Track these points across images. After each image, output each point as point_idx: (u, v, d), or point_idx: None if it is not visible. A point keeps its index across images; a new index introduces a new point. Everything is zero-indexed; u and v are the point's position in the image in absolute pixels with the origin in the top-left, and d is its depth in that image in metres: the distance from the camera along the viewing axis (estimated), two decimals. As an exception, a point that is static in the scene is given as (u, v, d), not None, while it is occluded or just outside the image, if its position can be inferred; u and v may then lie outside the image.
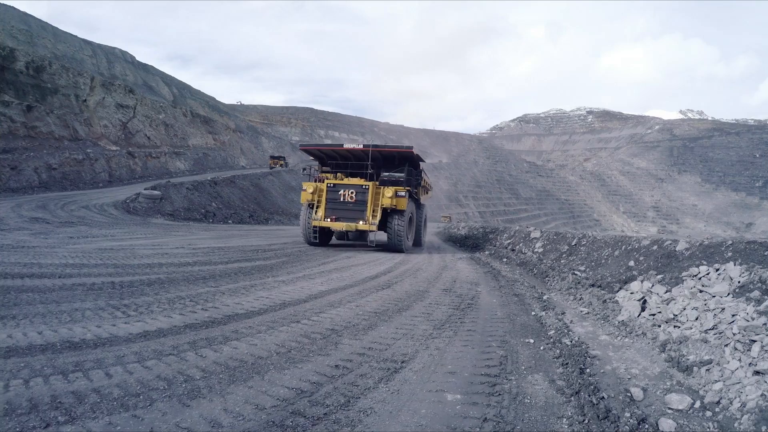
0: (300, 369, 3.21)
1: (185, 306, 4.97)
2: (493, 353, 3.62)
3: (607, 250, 7.67)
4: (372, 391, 2.82)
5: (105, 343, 3.61)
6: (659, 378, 3.07)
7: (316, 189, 12.43)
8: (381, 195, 11.99)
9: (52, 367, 3.08)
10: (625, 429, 2.31)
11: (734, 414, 2.38)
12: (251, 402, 2.69)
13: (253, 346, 3.69)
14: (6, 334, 3.61)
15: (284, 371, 3.17)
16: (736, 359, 2.87)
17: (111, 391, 2.79)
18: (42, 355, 3.27)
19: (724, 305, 3.84)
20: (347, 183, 12.50)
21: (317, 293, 5.95)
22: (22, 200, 17.51)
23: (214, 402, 2.71)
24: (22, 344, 3.41)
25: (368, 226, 11.80)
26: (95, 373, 3.05)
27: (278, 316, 4.73)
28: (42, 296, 4.90)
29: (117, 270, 6.74)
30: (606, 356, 3.55)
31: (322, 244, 13.17)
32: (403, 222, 12.16)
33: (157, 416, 2.53)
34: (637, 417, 2.46)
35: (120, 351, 3.45)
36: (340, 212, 12.12)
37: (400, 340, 3.92)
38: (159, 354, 3.45)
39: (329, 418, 2.47)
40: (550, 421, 2.46)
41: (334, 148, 14.04)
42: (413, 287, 6.76)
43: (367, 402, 2.66)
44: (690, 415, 2.51)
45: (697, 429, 2.35)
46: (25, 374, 2.94)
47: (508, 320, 4.83)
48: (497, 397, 2.75)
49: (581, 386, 2.91)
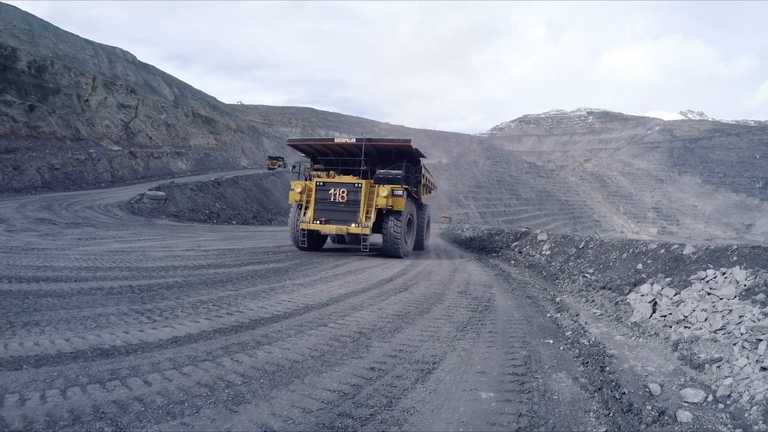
0: (337, 372, 3.34)
1: (209, 310, 5.01)
2: (517, 353, 3.87)
3: (614, 253, 7.92)
4: (410, 391, 3.00)
5: (137, 349, 3.61)
6: (674, 375, 3.32)
7: (304, 188, 11.48)
8: (375, 194, 10.92)
9: (87, 376, 3.04)
10: (648, 420, 2.56)
11: (744, 406, 2.63)
12: (297, 405, 2.76)
13: (287, 351, 3.77)
14: (32, 342, 3.57)
15: (322, 374, 3.27)
16: (744, 357, 3.13)
17: (153, 399, 2.78)
18: (74, 363, 3.24)
19: (732, 307, 4.10)
20: (338, 181, 11.41)
21: (338, 296, 6.14)
22: (25, 200, 17.47)
23: (260, 407, 2.75)
24: (51, 352, 3.38)
25: (361, 229, 10.72)
26: (133, 381, 3.03)
27: (304, 319, 4.85)
28: (62, 301, 4.88)
29: (132, 273, 6.79)
30: (623, 355, 3.79)
31: (312, 248, 12.04)
32: (400, 224, 11.18)
33: (206, 423, 2.53)
34: (657, 410, 2.71)
35: (153, 357, 3.47)
36: (330, 213, 11.13)
37: (427, 342, 4.14)
38: (194, 360, 3.47)
39: (375, 418, 2.60)
40: (578, 415, 2.71)
41: (325, 142, 12.66)
42: (429, 290, 7.00)
43: (408, 402, 2.83)
44: (704, 407, 2.76)
45: (712, 419, 2.60)
46: (61, 384, 2.90)
47: (525, 322, 5.08)
48: (527, 394, 2.98)
49: (603, 383, 3.16)
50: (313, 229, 11.19)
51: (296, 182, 11.71)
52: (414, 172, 12.98)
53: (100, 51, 46.31)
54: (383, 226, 11.26)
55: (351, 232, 11.03)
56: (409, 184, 12.27)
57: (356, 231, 10.81)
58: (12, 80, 25.75)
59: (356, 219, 10.83)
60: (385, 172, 11.88)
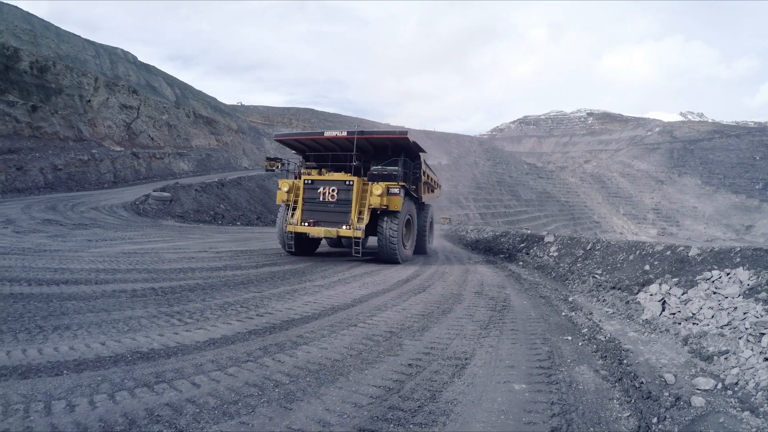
0: (377, 369, 3.53)
1: (238, 312, 5.10)
2: (540, 349, 4.19)
3: (621, 255, 8.24)
4: (449, 385, 3.27)
5: (176, 352, 3.65)
6: (685, 366, 3.64)
7: (292, 187, 10.67)
8: (369, 193, 9.97)
9: (133, 380, 3.06)
10: (666, 405, 2.89)
11: (750, 392, 2.96)
12: (348, 401, 2.90)
13: (324, 350, 3.92)
14: (67, 346, 3.57)
15: (364, 372, 3.45)
16: (749, 349, 3.46)
17: (206, 401, 2.81)
18: (115, 367, 3.26)
19: (736, 305, 4.42)
20: (327, 179, 10.45)
21: (360, 297, 6.40)
22: (30, 201, 17.46)
23: (313, 404, 2.85)
24: (89, 356, 3.39)
25: (352, 232, 9.76)
26: (180, 383, 3.06)
27: (334, 320, 5.02)
28: (87, 304, 4.88)
29: (151, 275, 6.84)
30: (637, 350, 4.11)
31: (302, 252, 11.13)
32: (396, 226, 10.17)
33: (264, 421, 2.60)
34: (674, 396, 3.03)
35: (195, 360, 3.50)
36: (319, 214, 10.24)
37: (455, 339, 4.44)
38: (236, 361, 3.53)
39: (423, 409, 2.81)
40: (603, 402, 3.04)
41: (314, 137, 11.64)
42: (446, 290, 7.31)
43: (450, 394, 3.08)
44: (715, 393, 3.09)
45: (722, 404, 2.92)
46: (107, 388, 2.90)
47: (542, 320, 5.40)
48: (556, 385, 3.29)
49: (622, 374, 3.49)
50: (301, 232, 10.31)
51: (284, 181, 10.93)
52: (413, 168, 11.97)
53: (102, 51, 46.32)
54: (378, 228, 10.32)
55: (341, 235, 10.05)
56: (407, 182, 11.30)
57: (347, 234, 9.83)
58: (14, 80, 25.81)
59: (347, 220, 9.90)
60: (380, 169, 10.92)
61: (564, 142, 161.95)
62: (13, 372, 3.05)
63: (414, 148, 11.70)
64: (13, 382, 2.90)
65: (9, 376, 2.98)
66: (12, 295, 4.98)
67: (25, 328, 3.93)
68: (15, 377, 2.98)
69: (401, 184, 10.45)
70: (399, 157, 11.06)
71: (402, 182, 10.59)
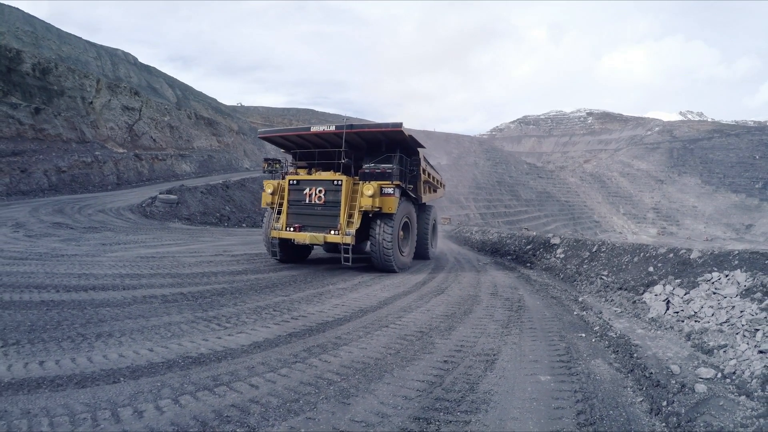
0: (417, 365, 3.86)
1: (272, 316, 5.31)
2: (558, 345, 4.67)
3: (626, 257, 8.71)
4: (484, 377, 3.69)
5: (225, 356, 3.79)
6: (689, 359, 4.11)
7: (277, 188, 9.89)
8: (360, 193, 9.09)
9: (192, 384, 3.15)
10: (673, 391, 3.36)
11: (746, 380, 3.43)
12: (398, 395, 3.20)
13: (364, 350, 4.22)
14: (116, 354, 3.65)
15: (405, 368, 3.78)
16: (745, 343, 3.94)
17: (268, 400, 2.98)
18: (171, 372, 3.36)
19: (734, 304, 4.90)
20: (313, 178, 9.59)
21: (384, 299, 6.80)
22: (36, 204, 17.44)
23: (367, 398, 3.10)
24: (141, 363, 3.49)
25: (340, 238, 8.84)
26: (239, 385, 3.21)
27: (366, 322, 5.34)
28: (122, 311, 4.96)
29: (176, 280, 6.96)
30: (645, 345, 4.59)
31: (291, 260, 10.33)
32: (390, 230, 9.27)
33: (328, 416, 2.79)
34: (680, 383, 3.50)
35: (245, 363, 3.66)
36: (305, 218, 9.40)
37: (481, 338, 4.90)
38: (285, 363, 3.72)
39: (466, 399, 3.21)
40: (618, 390, 3.51)
41: (300, 133, 10.66)
42: (463, 292, 7.78)
43: (486, 386, 3.50)
44: (715, 381, 3.56)
45: (722, 390, 3.39)
46: (169, 393, 2.99)
47: (557, 319, 5.88)
48: (576, 376, 3.76)
49: (633, 366, 3.97)
50: (285, 237, 9.45)
51: (268, 182, 10.09)
52: (409, 164, 10.91)
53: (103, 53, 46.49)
54: (370, 232, 9.45)
55: (328, 241, 9.05)
56: (404, 180, 10.33)
57: (335, 240, 8.91)
58: (17, 82, 25.74)
59: (336, 224, 8.99)
60: (373, 166, 9.99)
61: (564, 141, 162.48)
62: (69, 381, 3.10)
63: (411, 143, 10.61)
64: (71, 392, 2.96)
65: (66, 386, 3.04)
66: (43, 302, 5.05)
67: (67, 337, 4.01)
68: (72, 386, 3.04)
69: (396, 183, 9.55)
70: (394, 153, 10.06)
71: (397, 181, 9.67)
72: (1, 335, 3.92)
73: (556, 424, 2.90)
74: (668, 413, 3.05)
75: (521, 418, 2.98)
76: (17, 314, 4.55)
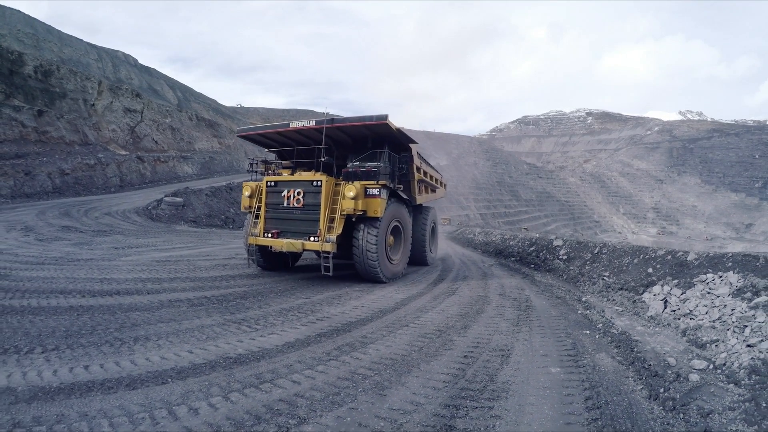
0: (440, 360, 4.22)
1: (298, 317, 5.56)
2: (565, 341, 5.11)
3: (627, 258, 9.15)
4: (501, 370, 4.12)
5: (263, 355, 3.98)
6: (684, 352, 4.55)
7: (255, 191, 9.19)
8: (341, 195, 8.22)
9: (238, 382, 3.34)
10: (669, 380, 3.80)
11: (735, 370, 3.87)
12: (427, 386, 3.55)
13: (390, 348, 4.54)
14: (158, 357, 3.79)
15: (430, 363, 4.12)
16: (734, 338, 4.38)
17: (312, 395, 3.21)
18: (215, 372, 3.52)
19: (726, 303, 5.35)
20: (292, 179, 8.81)
21: (401, 300, 7.21)
22: (42, 207, 17.55)
23: (400, 390, 3.40)
24: (184, 364, 3.65)
25: (320, 245, 7.98)
26: (281, 382, 3.42)
27: (387, 321, 5.69)
28: (153, 315, 5.10)
29: (196, 284, 7.15)
30: (645, 340, 5.02)
31: (274, 267, 9.71)
32: (376, 236, 8.37)
33: (368, 406, 3.03)
34: (675, 373, 3.94)
35: (283, 361, 3.87)
36: (283, 223, 8.61)
37: (494, 335, 5.34)
38: (319, 361, 3.96)
39: (487, 389, 3.61)
40: (621, 379, 3.95)
41: (279, 130, 9.73)
42: (474, 293, 8.22)
43: (503, 377, 3.91)
44: (707, 372, 4.00)
45: (713, 379, 3.83)
46: (218, 391, 3.16)
47: (563, 318, 6.32)
48: (583, 368, 4.20)
49: (634, 359, 4.41)
50: (263, 244, 8.76)
51: (247, 183, 9.41)
52: (398, 162, 9.91)
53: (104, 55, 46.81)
54: (353, 238, 8.57)
55: (307, 249, 8.14)
56: (392, 180, 9.47)
57: (313, 247, 8.04)
58: (19, 85, 25.79)
59: (316, 230, 8.13)
60: (359, 164, 9.27)
61: (563, 141, 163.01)
62: (119, 384, 3.23)
63: (400, 138, 9.60)
64: (123, 394, 3.09)
65: (116, 388, 3.17)
66: (72, 307, 5.18)
67: (105, 341, 4.14)
68: (123, 389, 3.17)
69: (382, 183, 8.65)
70: (382, 149, 9.24)
71: (383, 181, 8.78)
72: (40, 341, 4.05)
73: (567, 408, 3.34)
74: (665, 398, 3.49)
75: (537, 404, 3.42)
76: (49, 320, 4.67)
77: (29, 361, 3.60)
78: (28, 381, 3.23)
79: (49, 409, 2.86)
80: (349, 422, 2.92)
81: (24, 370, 3.41)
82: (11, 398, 2.96)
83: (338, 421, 2.91)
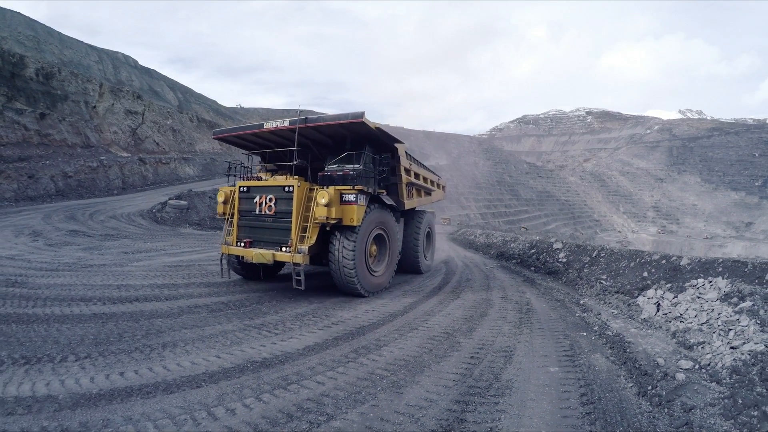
0: (449, 361, 4.59)
1: (314, 322, 5.81)
2: (563, 342, 5.52)
3: (624, 262, 9.54)
4: (504, 369, 4.52)
5: (286, 359, 4.22)
6: (673, 353, 4.95)
7: (229, 196, 8.56)
8: (314, 202, 7.50)
9: (267, 384, 3.55)
10: (658, 378, 4.21)
11: (718, 370, 4.27)
12: (439, 384, 3.93)
13: (402, 349, 4.86)
14: (189, 362, 3.96)
15: (440, 363, 4.51)
16: (719, 340, 4.78)
17: (336, 394, 3.46)
18: (244, 375, 3.73)
19: (714, 307, 5.75)
20: (263, 185, 8.24)
21: (408, 304, 7.59)
22: (46, 210, 17.61)
23: (415, 388, 3.76)
24: (215, 369, 3.85)
25: (290, 256, 7.29)
26: (307, 383, 3.66)
27: (397, 325, 6.04)
28: (176, 321, 5.26)
29: (211, 290, 7.40)
30: (637, 341, 5.42)
31: (254, 277, 9.10)
32: (350, 246, 7.65)
33: (388, 403, 3.34)
34: (663, 372, 4.35)
35: (305, 364, 4.12)
36: (256, 232, 8.08)
37: (498, 337, 5.74)
38: (339, 363, 4.23)
39: (493, 386, 4.00)
40: (614, 378, 4.36)
41: (255, 131, 9.05)
42: (477, 296, 8.61)
43: (507, 376, 4.35)
44: (693, 371, 4.40)
45: (698, 378, 4.23)
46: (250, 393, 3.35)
47: (561, 320, 6.73)
48: (579, 367, 4.61)
49: (626, 359, 4.81)
50: (236, 254, 8.12)
51: (222, 189, 8.80)
52: (381, 164, 8.99)
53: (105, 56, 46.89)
54: (329, 249, 7.86)
55: (278, 260, 7.44)
56: (373, 184, 8.70)
57: (284, 258, 7.36)
58: (21, 87, 25.78)
59: (288, 239, 7.47)
60: (335, 168, 8.63)
61: (563, 141, 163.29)
62: (156, 389, 3.39)
63: (382, 138, 8.80)
64: (162, 398, 3.25)
65: (155, 393, 3.32)
66: (95, 315, 5.31)
67: (134, 348, 4.30)
68: (161, 393, 3.33)
69: (359, 188, 7.90)
70: (362, 150, 8.58)
71: (360, 185, 8.07)
72: (71, 349, 4.18)
73: (564, 404, 3.75)
74: (652, 395, 3.89)
75: (537, 399, 3.82)
76: (76, 328, 4.80)
77: (64, 369, 3.75)
78: (68, 388, 3.38)
79: (94, 414, 3.02)
80: (372, 417, 3.30)
81: (61, 378, 3.56)
82: (54, 406, 3.10)
83: (362, 416, 3.24)
